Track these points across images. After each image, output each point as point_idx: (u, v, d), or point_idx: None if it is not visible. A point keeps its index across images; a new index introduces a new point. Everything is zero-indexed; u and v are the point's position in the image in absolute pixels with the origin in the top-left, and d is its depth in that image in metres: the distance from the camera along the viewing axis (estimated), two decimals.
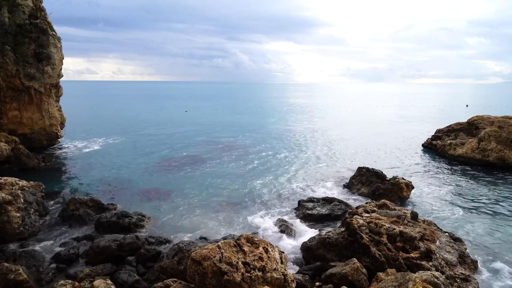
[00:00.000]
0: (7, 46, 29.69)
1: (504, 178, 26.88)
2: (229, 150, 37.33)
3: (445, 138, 36.58)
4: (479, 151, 30.99)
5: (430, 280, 9.94)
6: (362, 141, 42.94)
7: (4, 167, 27.17)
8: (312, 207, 19.70)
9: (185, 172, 28.73)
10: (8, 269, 12.36)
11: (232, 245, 11.18)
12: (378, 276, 11.83)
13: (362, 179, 24.07)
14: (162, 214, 19.84)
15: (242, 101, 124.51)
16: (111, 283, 11.80)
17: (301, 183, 25.85)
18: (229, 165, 30.86)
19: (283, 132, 50.10)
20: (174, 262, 12.49)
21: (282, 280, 10.75)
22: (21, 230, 16.45)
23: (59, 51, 33.19)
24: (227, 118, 67.99)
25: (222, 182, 25.92)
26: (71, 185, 25.23)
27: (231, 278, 10.05)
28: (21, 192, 18.22)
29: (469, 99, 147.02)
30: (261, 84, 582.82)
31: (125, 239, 15.23)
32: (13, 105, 31.72)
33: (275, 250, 11.77)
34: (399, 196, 21.85)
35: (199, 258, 10.42)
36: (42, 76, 31.80)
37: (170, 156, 34.47)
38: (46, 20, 32.55)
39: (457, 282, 12.06)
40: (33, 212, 18.00)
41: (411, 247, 13.32)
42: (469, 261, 13.97)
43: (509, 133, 30.27)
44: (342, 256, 13.74)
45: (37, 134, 33.69)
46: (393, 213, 15.88)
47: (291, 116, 73.54)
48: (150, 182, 25.88)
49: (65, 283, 12.20)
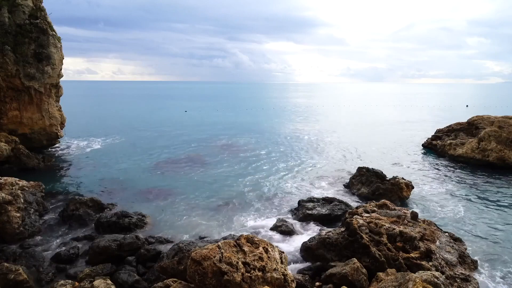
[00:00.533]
0: (7, 46, 29.68)
1: (504, 178, 26.87)
2: (229, 150, 37.33)
3: (445, 138, 36.58)
4: (479, 151, 30.99)
5: (430, 280, 9.94)
6: (362, 141, 42.93)
7: (4, 167, 27.17)
8: (312, 207, 19.69)
9: (185, 172, 28.72)
10: (8, 269, 12.36)
11: (232, 245, 11.18)
12: (378, 276, 11.83)
13: (362, 179, 24.06)
14: (162, 214, 19.84)
15: (242, 101, 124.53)
16: (111, 283, 11.80)
17: (301, 183, 25.85)
18: (229, 165, 30.86)
19: (283, 132, 50.11)
20: (174, 262, 12.49)
21: (282, 280, 10.75)
22: (21, 230, 16.45)
23: (59, 51, 33.19)
24: (227, 118, 67.99)
25: (222, 182, 25.92)
26: (71, 185, 25.22)
27: (231, 278, 10.05)
28: (21, 192, 18.23)
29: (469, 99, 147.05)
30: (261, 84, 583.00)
31: (125, 239, 15.23)
32: (13, 105, 31.71)
33: (275, 250, 11.77)
34: (399, 196, 21.84)
35: (199, 258, 10.42)
36: (42, 76, 31.80)
37: (170, 156, 34.47)
38: (46, 20, 32.55)
39: (457, 282, 12.07)
40: (33, 212, 18.00)
41: (411, 247, 13.32)
42: (469, 261, 13.98)
43: (509, 133, 30.27)
44: (342, 256, 13.74)
45: (37, 134, 33.68)
46: (393, 213, 15.89)
47: (291, 116, 73.54)
48: (150, 182, 25.87)
49: (65, 283, 12.20)
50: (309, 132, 50.28)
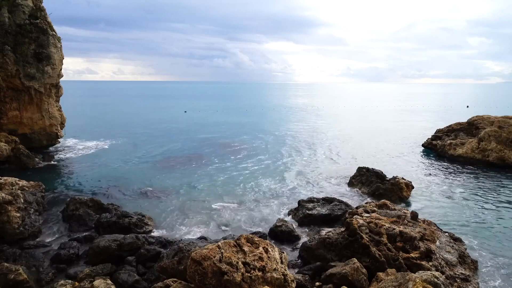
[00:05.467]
0: (7, 46, 29.68)
1: (504, 178, 26.86)
2: (229, 150, 37.33)
3: (445, 138, 36.57)
4: (479, 151, 30.99)
5: (430, 280, 9.93)
6: (362, 141, 42.93)
7: (4, 167, 27.18)
8: (312, 207, 19.69)
9: (185, 172, 28.72)
10: (8, 269, 12.35)
11: (232, 245, 11.17)
12: (378, 276, 11.82)
13: (362, 179, 24.06)
14: (162, 214, 19.84)
15: (242, 101, 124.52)
16: (111, 283, 11.78)
17: (301, 183, 25.85)
18: (229, 165, 30.85)
19: (284, 132, 50.11)
20: (174, 262, 12.48)
21: (282, 280, 10.74)
22: (21, 230, 16.45)
23: (59, 51, 33.18)
24: (227, 118, 67.99)
25: (222, 182, 25.92)
26: (71, 185, 25.22)
27: (231, 278, 10.04)
28: (21, 192, 18.22)
29: (469, 99, 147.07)
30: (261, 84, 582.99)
31: (125, 239, 15.22)
32: (13, 105, 31.71)
33: (275, 250, 11.76)
34: (399, 196, 21.84)
35: (199, 258, 10.41)
36: (42, 76, 31.80)
37: (170, 156, 34.47)
38: (46, 20, 32.54)
39: (457, 282, 12.06)
40: (33, 212, 18.00)
41: (411, 247, 13.31)
42: (469, 261, 13.97)
43: (509, 133, 30.27)
44: (342, 256, 13.73)
45: (37, 134, 33.68)
46: (393, 213, 15.88)
47: (291, 116, 73.54)
48: (150, 182, 25.87)
49: (65, 283, 12.18)
50: (309, 132, 50.28)
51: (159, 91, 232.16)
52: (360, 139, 44.42)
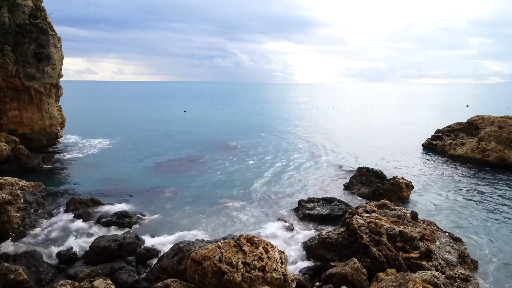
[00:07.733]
0: (7, 46, 29.69)
1: (504, 178, 26.85)
2: (228, 150, 37.33)
3: (445, 138, 36.58)
4: (479, 151, 30.99)
5: (430, 280, 9.93)
6: (362, 141, 42.92)
7: (4, 167, 27.16)
8: (312, 207, 19.69)
9: (185, 172, 28.71)
10: (8, 269, 12.35)
11: (232, 245, 11.18)
12: (378, 276, 11.82)
13: (362, 179, 24.06)
14: (162, 214, 19.83)
15: (242, 101, 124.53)
16: (111, 283, 11.78)
17: (301, 183, 25.84)
18: (229, 165, 30.85)
19: (284, 132, 50.11)
20: (174, 262, 12.48)
21: (282, 280, 10.75)
22: (21, 230, 16.46)
23: (59, 51, 33.19)
24: (227, 118, 68.00)
25: (222, 182, 25.92)
26: (71, 185, 25.22)
27: (231, 278, 10.04)
28: (21, 192, 18.20)
29: (469, 99, 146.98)
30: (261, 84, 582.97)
31: (125, 239, 15.23)
32: (13, 105, 31.73)
33: (275, 250, 11.76)
34: (399, 196, 21.84)
35: (199, 258, 10.41)
36: (42, 76, 31.81)
37: (170, 156, 34.47)
38: (46, 20, 32.55)
39: (457, 282, 12.06)
40: (33, 212, 18.01)
41: (411, 247, 13.31)
42: (469, 261, 13.98)
43: (509, 133, 30.26)
44: (342, 256, 13.73)
45: (37, 134, 33.69)
46: (393, 213, 15.89)
47: (292, 116, 73.53)
48: (150, 182, 25.87)
49: (65, 283, 12.18)
50: (309, 132, 50.27)
51: (159, 91, 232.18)
52: (360, 139, 44.41)
